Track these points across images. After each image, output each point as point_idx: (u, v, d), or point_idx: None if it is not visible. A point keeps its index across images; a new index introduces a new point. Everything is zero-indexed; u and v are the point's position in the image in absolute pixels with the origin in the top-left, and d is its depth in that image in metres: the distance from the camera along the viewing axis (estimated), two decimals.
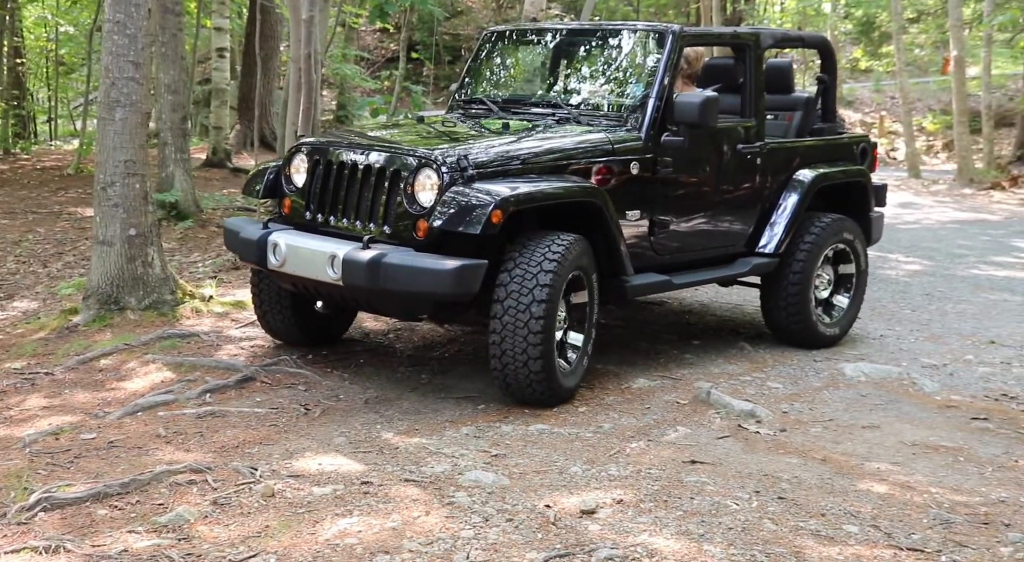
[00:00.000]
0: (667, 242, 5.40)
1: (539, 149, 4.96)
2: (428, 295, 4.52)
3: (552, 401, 4.73)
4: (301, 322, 5.43)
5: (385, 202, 4.67)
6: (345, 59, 17.16)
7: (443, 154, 4.64)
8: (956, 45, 14.94)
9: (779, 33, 6.59)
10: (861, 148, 6.35)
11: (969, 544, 3.36)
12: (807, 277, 5.78)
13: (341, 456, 4.05)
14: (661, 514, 3.53)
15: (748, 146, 5.68)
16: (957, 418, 4.79)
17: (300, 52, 7.43)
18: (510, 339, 4.50)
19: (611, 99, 5.45)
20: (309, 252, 4.68)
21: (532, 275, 4.49)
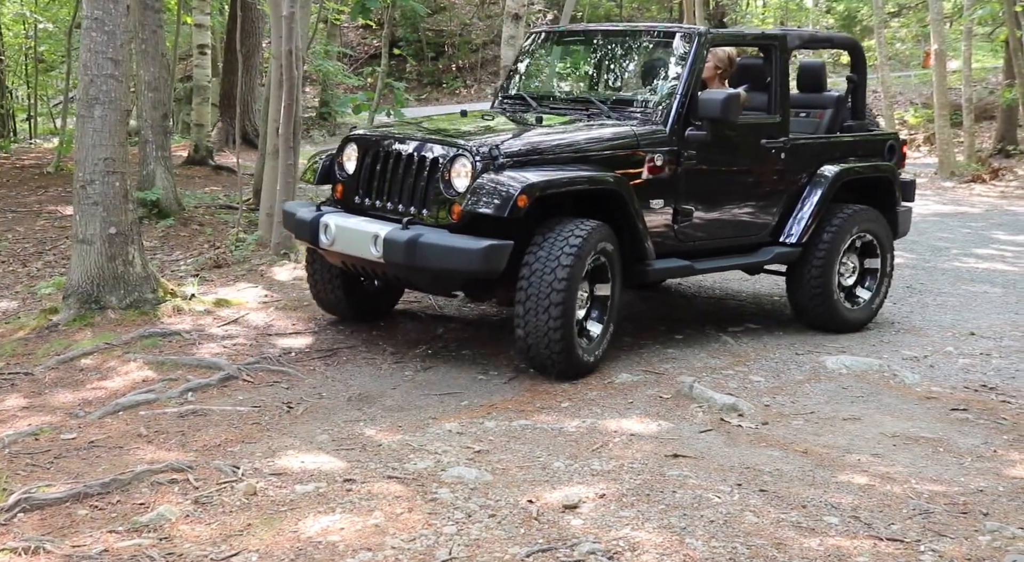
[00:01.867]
0: (690, 230, 5.70)
1: (567, 141, 5.32)
2: (459, 272, 4.94)
3: (572, 374, 5.07)
4: (351, 298, 5.87)
5: (424, 188, 5.12)
6: (327, 56, 17.12)
7: (477, 144, 5.07)
8: (936, 39, 15.01)
9: (806, 34, 6.91)
10: (889, 145, 6.56)
11: (948, 533, 3.39)
12: (830, 265, 6.05)
13: (324, 454, 4.04)
14: (643, 508, 3.55)
15: (772, 141, 5.95)
16: (937, 409, 4.82)
17: (281, 49, 7.41)
18: (533, 315, 4.88)
19: (640, 95, 5.80)
20: (355, 232, 5.14)
21: (555, 257, 4.87)
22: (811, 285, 6.08)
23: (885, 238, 6.33)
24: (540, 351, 4.95)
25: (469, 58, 25.59)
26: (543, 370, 5.09)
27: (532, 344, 4.95)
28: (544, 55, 6.53)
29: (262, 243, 7.73)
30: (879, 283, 6.36)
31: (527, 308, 4.90)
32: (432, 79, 25.38)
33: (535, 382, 5.09)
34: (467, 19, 26.20)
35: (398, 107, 9.01)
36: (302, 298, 6.51)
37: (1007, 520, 3.51)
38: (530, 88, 6.34)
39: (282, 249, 7.39)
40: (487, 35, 24.70)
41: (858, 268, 6.34)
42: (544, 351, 4.94)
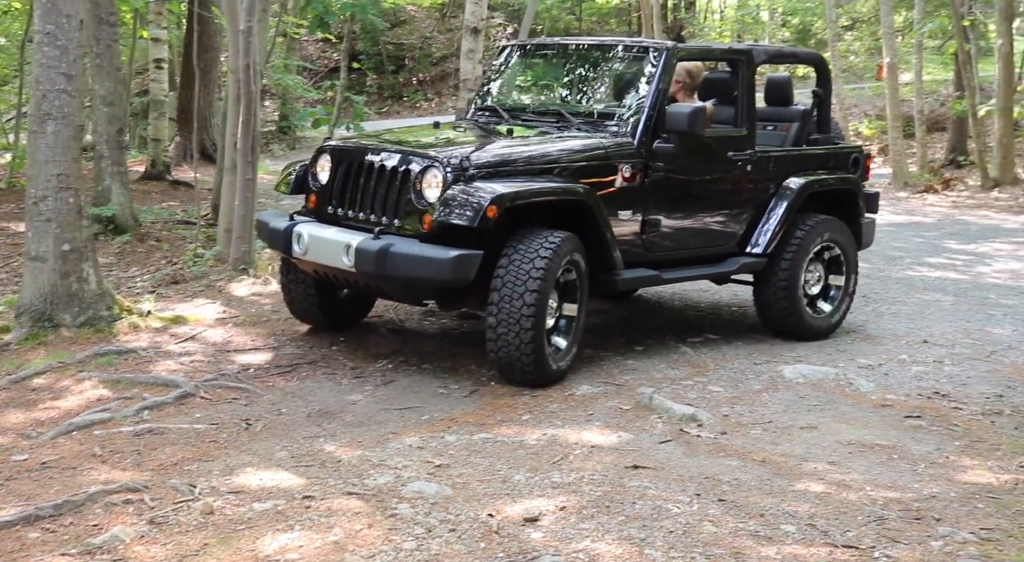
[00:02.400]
0: (658, 240, 5.83)
1: (536, 153, 5.44)
2: (429, 281, 5.02)
3: (542, 382, 5.16)
4: (325, 307, 5.94)
5: (396, 198, 5.21)
6: (287, 69, 17.05)
7: (448, 155, 5.17)
8: (889, 52, 15.30)
9: (772, 50, 7.23)
10: (854, 157, 6.71)
11: (902, 539, 3.44)
12: (795, 274, 6.18)
13: (283, 471, 4.01)
14: (603, 519, 3.56)
15: (739, 154, 6.08)
16: (891, 417, 4.89)
17: (238, 63, 7.37)
18: (505, 324, 4.96)
19: (610, 108, 5.92)
20: (328, 242, 5.24)
21: (527, 267, 4.97)
22: (777, 294, 6.21)
23: (849, 248, 6.46)
24: (511, 359, 5.03)
25: (430, 71, 25.60)
26: (514, 378, 5.16)
27: (503, 353, 5.03)
28: (517, 68, 6.65)
29: (220, 258, 7.66)
30: (844, 291, 6.49)
31: (499, 318, 4.98)
32: (393, 92, 25.34)
33: (496, 395, 5.10)
34: (427, 32, 26.22)
35: (358, 121, 8.98)
36: (261, 314, 6.46)
37: (959, 525, 3.57)
38: (503, 100, 6.44)
39: (241, 264, 7.33)
40: (447, 48, 24.73)
41: (823, 277, 6.47)
42: (515, 359, 5.03)
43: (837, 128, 7.17)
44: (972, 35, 15.31)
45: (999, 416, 4.93)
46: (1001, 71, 13.75)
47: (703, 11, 29.41)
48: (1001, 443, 4.52)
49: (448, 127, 6.18)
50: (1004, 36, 13.62)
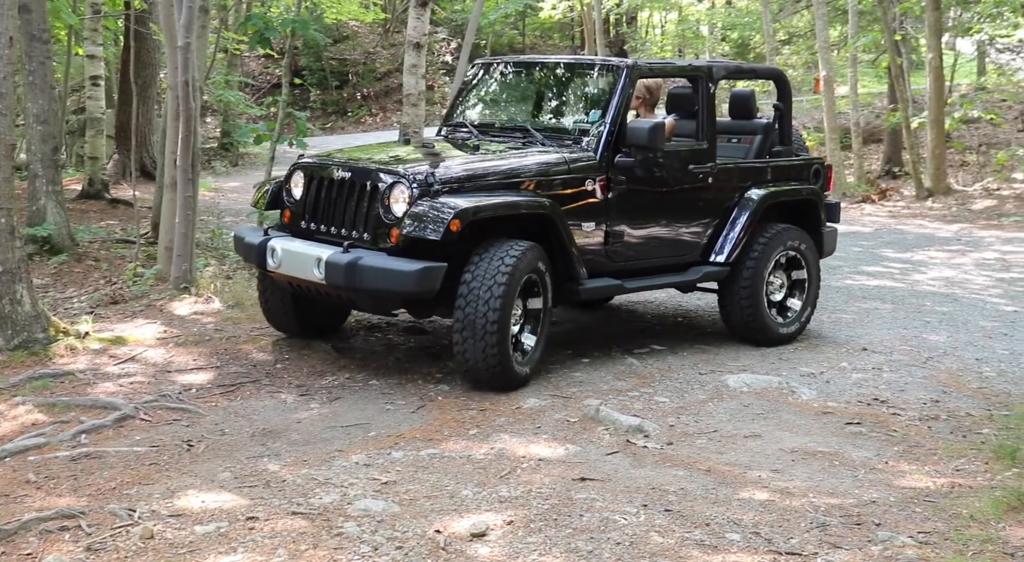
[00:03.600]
0: (621, 250, 6.00)
1: (500, 168, 5.62)
2: (395, 293, 5.22)
3: (507, 386, 5.34)
4: (301, 317, 6.11)
5: (366, 213, 5.38)
6: (228, 86, 16.86)
7: (414, 172, 5.35)
8: (825, 66, 15.64)
9: (732, 66, 7.50)
10: (815, 169, 6.90)
11: (843, 545, 3.49)
12: (758, 281, 6.38)
13: (226, 492, 3.94)
14: (551, 533, 3.56)
15: (699, 166, 6.26)
16: (833, 423, 4.98)
17: (177, 79, 7.28)
18: (471, 331, 5.15)
19: (572, 124, 6.16)
20: (300, 255, 5.43)
21: (491, 277, 5.14)
22: (741, 301, 6.39)
23: (811, 256, 6.66)
24: (477, 365, 5.21)
25: (374, 86, 25.53)
26: (480, 382, 5.33)
27: (470, 358, 5.20)
28: (485, 85, 6.83)
29: (161, 278, 7.53)
30: (806, 298, 6.67)
31: (465, 325, 5.16)
32: (337, 108, 25.21)
33: (443, 410, 5.08)
34: (371, 48, 26.15)
35: (300, 137, 8.91)
36: (203, 333, 6.36)
37: (898, 529, 3.64)
38: (472, 117, 6.61)
39: (182, 283, 7.22)
40: (391, 63, 24.69)
41: (786, 284, 6.66)
42: (481, 365, 5.20)
43: (800, 140, 7.37)
44: (904, 49, 15.75)
45: (935, 421, 5.04)
46: (932, 84, 14.13)
47: (644, 26, 29.79)
48: (937, 448, 4.62)
49: (418, 144, 6.37)
50: (934, 50, 14.01)
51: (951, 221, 12.83)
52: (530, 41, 29.12)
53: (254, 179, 11.61)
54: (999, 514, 3.73)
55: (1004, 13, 14.89)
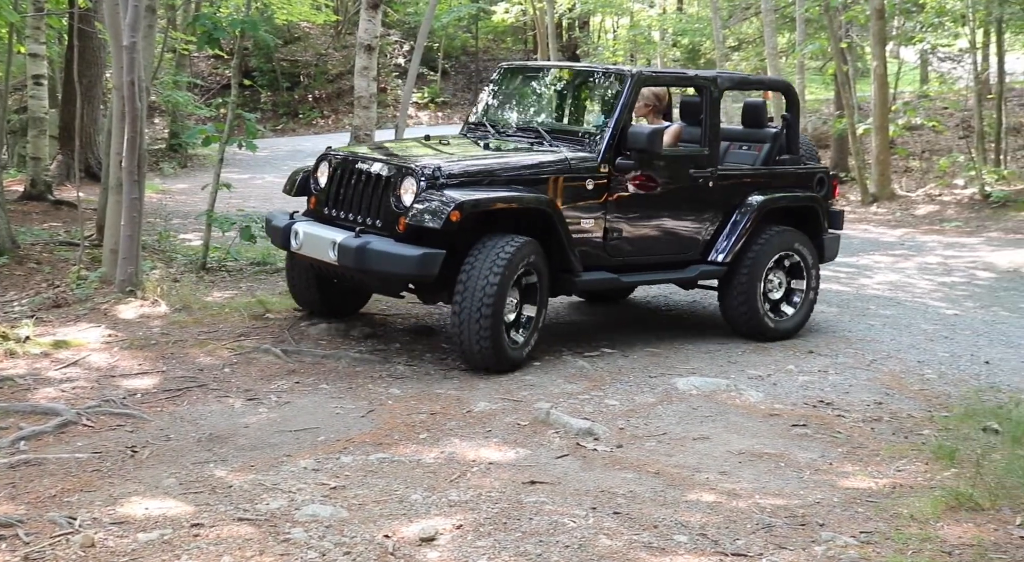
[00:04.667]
0: (620, 247, 6.37)
1: (503, 165, 6.05)
2: (398, 275, 5.69)
3: (500, 368, 5.74)
4: (324, 296, 6.62)
5: (379, 202, 5.86)
6: (177, 86, 16.62)
7: (422, 165, 5.79)
8: (773, 72, 15.88)
9: (738, 77, 7.96)
10: (818, 178, 7.18)
11: (787, 545, 3.54)
12: (754, 281, 6.70)
13: (170, 498, 3.88)
14: (500, 537, 3.56)
15: (700, 171, 6.60)
16: (779, 425, 5.05)
17: (123, 79, 7.16)
18: (467, 315, 5.57)
19: (579, 126, 6.66)
20: (318, 238, 5.92)
21: (487, 268, 5.56)
22: (738, 299, 6.72)
23: (811, 259, 6.95)
24: (472, 346, 5.63)
25: (326, 88, 25.34)
26: (474, 362, 5.72)
27: (465, 340, 5.63)
28: (506, 87, 7.27)
29: (106, 281, 7.39)
30: (804, 299, 6.97)
31: (462, 309, 5.59)
32: (288, 109, 24.98)
33: (393, 414, 5.05)
34: (322, 49, 25.96)
35: (250, 139, 8.81)
36: (149, 336, 6.26)
37: (840, 530, 3.70)
38: (491, 117, 7.04)
39: (128, 286, 7.09)
40: (343, 65, 24.53)
41: (785, 285, 6.97)
42: (476, 348, 5.62)
43: (812, 150, 7.66)
44: (850, 57, 16.03)
45: (878, 422, 5.13)
46: (876, 91, 14.42)
47: (597, 30, 29.98)
48: (880, 449, 4.71)
49: (436, 140, 6.78)
50: (878, 58, 14.29)
51: (895, 226, 13.09)
52: (483, 44, 29.14)
53: (203, 181, 11.45)
54: (938, 513, 3.81)
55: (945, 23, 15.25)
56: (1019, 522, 3.68)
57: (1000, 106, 15.01)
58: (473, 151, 6.42)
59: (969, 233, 12.36)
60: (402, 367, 5.91)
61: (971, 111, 15.62)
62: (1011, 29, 15.47)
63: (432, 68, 26.64)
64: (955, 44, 16.50)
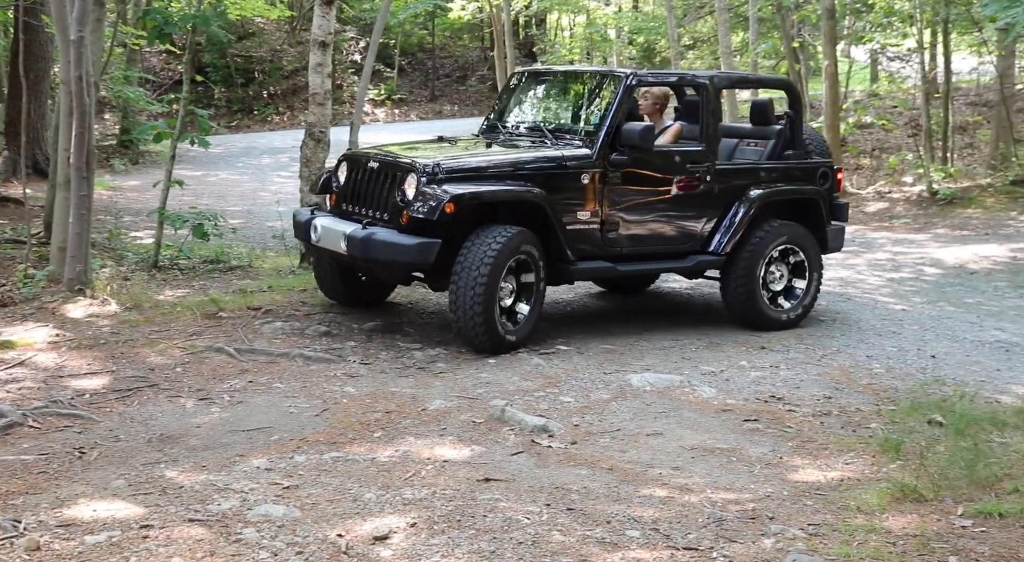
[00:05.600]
0: (617, 237, 6.70)
1: (501, 161, 6.49)
2: (399, 263, 6.15)
3: (494, 350, 6.13)
4: (347, 286, 7.05)
5: (387, 196, 6.30)
6: (128, 81, 16.36)
7: (424, 162, 6.22)
8: (726, 69, 16.04)
9: (736, 76, 8.58)
10: (821, 172, 7.45)
11: (738, 539, 3.59)
12: (752, 271, 6.99)
13: (119, 500, 3.83)
14: (454, 534, 3.56)
15: (696, 166, 6.90)
16: (732, 421, 5.11)
17: (70, 74, 7.03)
18: (462, 299, 6.00)
19: (577, 125, 6.96)
20: (332, 231, 6.40)
21: (480, 256, 5.97)
22: (738, 289, 7.01)
23: (812, 251, 7.23)
24: (467, 329, 6.04)
25: (281, 84, 25.09)
26: (470, 343, 6.14)
27: (461, 322, 6.05)
28: (519, 91, 7.71)
29: (54, 279, 7.26)
30: (806, 288, 7.24)
31: (457, 295, 6.01)
32: (243, 106, 24.69)
33: (348, 413, 5.03)
34: (277, 45, 25.70)
35: (203, 135, 8.69)
36: (99, 336, 6.16)
37: (789, 522, 3.76)
38: (504, 118, 7.48)
39: (76, 285, 6.97)
40: (299, 61, 24.29)
41: (786, 276, 7.23)
42: (470, 329, 6.04)
43: (823, 145, 7.85)
44: (802, 56, 16.26)
45: (827, 417, 5.22)
46: (828, 90, 14.62)
47: (553, 28, 30.05)
48: (829, 442, 4.79)
49: (448, 140, 7.23)
50: (829, 58, 14.50)
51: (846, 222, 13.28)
52: (440, 41, 29.06)
53: (155, 178, 11.27)
54: (883, 505, 3.88)
55: (894, 23, 15.51)
56: (960, 512, 3.76)
57: (947, 105, 15.31)
58: (476, 150, 6.86)
59: (917, 230, 12.59)
60: (357, 366, 5.89)
61: (919, 110, 15.90)
62: (957, 30, 15.77)
63: (389, 65, 26.51)
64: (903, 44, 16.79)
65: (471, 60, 29.23)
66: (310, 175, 8.62)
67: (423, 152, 6.73)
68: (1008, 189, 13.88)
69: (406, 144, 7.71)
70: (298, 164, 8.73)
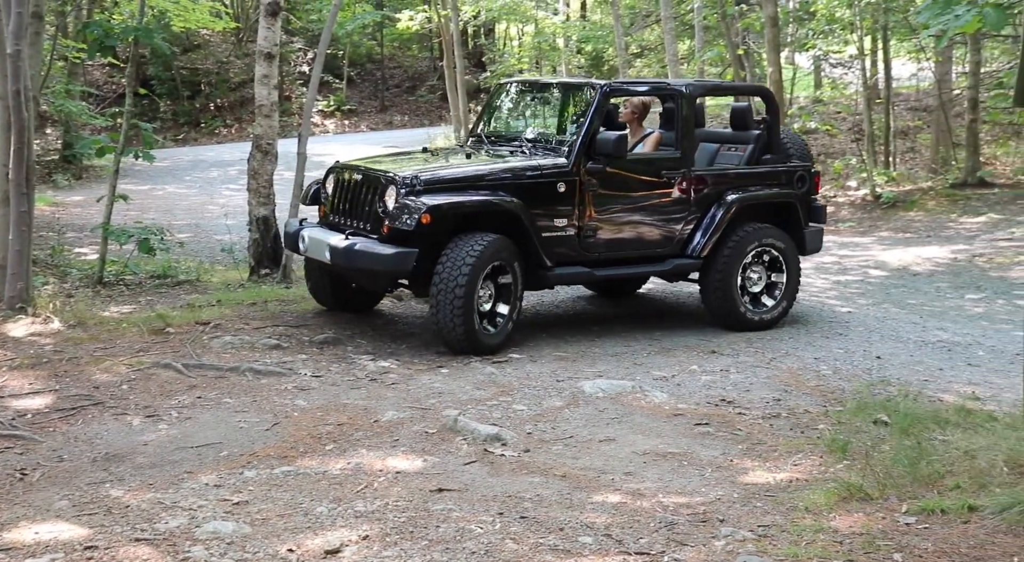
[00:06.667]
0: (594, 243, 6.89)
1: (477, 172, 6.67)
2: (378, 271, 6.48)
3: (474, 351, 6.36)
4: (338, 294, 7.30)
5: (370, 208, 6.54)
6: (69, 95, 16.08)
7: (403, 174, 6.47)
8: (674, 77, 16.21)
9: (711, 84, 8.73)
10: (799, 175, 7.59)
11: (689, 542, 3.62)
12: (729, 274, 7.16)
13: (63, 522, 3.75)
14: (407, 546, 3.54)
15: (672, 172, 7.09)
16: (683, 425, 5.15)
17: (8, 89, 6.90)
18: (442, 303, 6.25)
19: (553, 135, 7.24)
20: (317, 241, 6.66)
21: (459, 261, 6.22)
22: (715, 292, 7.19)
23: (790, 253, 7.40)
24: (448, 331, 6.29)
25: (228, 97, 24.84)
26: (450, 345, 6.38)
27: (442, 326, 6.30)
28: (500, 102, 7.94)
29: None
30: (784, 289, 7.43)
31: (438, 299, 6.25)
32: (189, 119, 24.40)
33: (299, 427, 4.98)
34: (224, 57, 25.45)
35: (147, 149, 8.57)
36: (41, 355, 6.04)
37: (739, 524, 3.80)
38: (487, 129, 7.68)
39: (17, 303, 6.83)
40: (246, 73, 24.06)
41: (765, 278, 7.39)
42: (451, 332, 6.28)
43: (804, 149, 7.99)
44: (747, 63, 16.49)
45: (777, 419, 5.28)
46: None
47: (502, 38, 30.14)
48: (778, 444, 4.85)
49: (430, 152, 7.52)
50: (773, 65, 14.73)
51: None
52: (389, 51, 28.99)
53: (99, 193, 11.07)
54: (831, 505, 3.94)
55: (835, 30, 15.81)
56: (905, 510, 3.83)
57: (888, 110, 15.63)
58: (455, 161, 7.10)
59: (862, 233, 12.83)
60: (308, 378, 5.84)
61: (862, 115, 16.21)
62: (896, 36, 16.12)
63: (337, 76, 26.38)
64: (845, 50, 17.11)
65: (420, 70, 29.20)
66: (258, 188, 8.55)
67: (404, 164, 6.98)
68: (948, 192, 14.21)
69: (390, 156, 7.99)
70: (246, 177, 8.66)
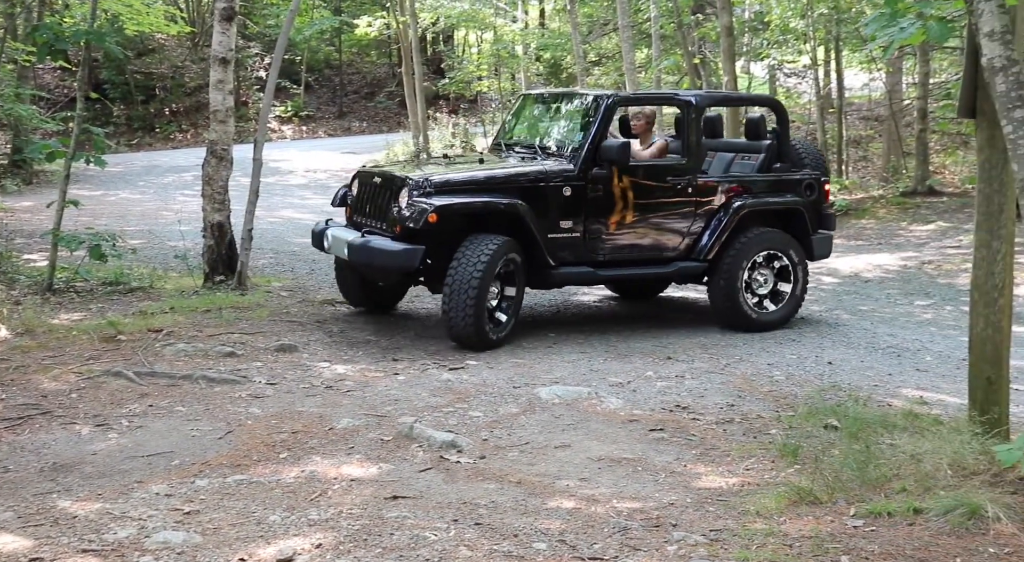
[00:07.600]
0: (599, 245, 7.25)
1: (485, 176, 7.07)
2: (388, 267, 6.89)
3: (480, 346, 6.73)
4: (366, 291, 7.76)
5: (387, 208, 6.98)
6: (19, 99, 15.77)
7: (416, 177, 6.91)
8: (632, 86, 16.32)
9: (719, 95, 9.44)
10: (806, 183, 7.87)
11: (642, 547, 3.64)
12: (734, 277, 7.45)
13: (6, 533, 3.67)
14: (360, 554, 3.53)
15: (678, 178, 7.42)
16: (638, 431, 5.18)
17: None
18: (455, 301, 6.60)
19: (563, 142, 7.49)
20: (338, 240, 7.12)
21: (473, 261, 6.61)
22: (720, 294, 7.49)
23: (797, 258, 7.67)
24: (459, 327, 6.63)
25: (183, 102, 24.59)
26: (460, 341, 6.73)
27: (453, 322, 6.64)
28: (520, 112, 8.37)
29: None
30: (791, 293, 7.69)
31: (451, 296, 6.60)
32: (144, 124, 24.10)
33: (253, 435, 4.94)
34: (179, 62, 25.19)
35: (98, 153, 8.44)
36: None
37: (691, 529, 3.83)
38: (506, 137, 8.12)
39: None
40: (202, 78, 23.81)
41: (772, 281, 7.67)
42: (462, 328, 6.63)
43: (819, 158, 8.23)
44: (703, 72, 16.67)
45: (730, 424, 5.34)
46: None
47: (461, 45, 30.18)
48: (731, 449, 4.90)
49: (451, 157, 8.18)
50: (729, 74, 14.88)
51: None
52: (347, 57, 28.88)
53: (50, 198, 10.86)
54: (781, 509, 3.99)
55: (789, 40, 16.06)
56: (853, 513, 3.89)
57: (840, 119, 15.91)
58: (468, 166, 7.46)
59: None
60: (263, 386, 5.79)
61: (816, 124, 16.47)
62: (848, 47, 16.42)
63: (295, 81, 26.22)
64: (799, 60, 17.38)
65: (379, 76, 29.12)
66: (213, 193, 8.47)
67: (419, 168, 7.45)
68: (899, 200, 14.48)
69: (409, 161, 8.67)
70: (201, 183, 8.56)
